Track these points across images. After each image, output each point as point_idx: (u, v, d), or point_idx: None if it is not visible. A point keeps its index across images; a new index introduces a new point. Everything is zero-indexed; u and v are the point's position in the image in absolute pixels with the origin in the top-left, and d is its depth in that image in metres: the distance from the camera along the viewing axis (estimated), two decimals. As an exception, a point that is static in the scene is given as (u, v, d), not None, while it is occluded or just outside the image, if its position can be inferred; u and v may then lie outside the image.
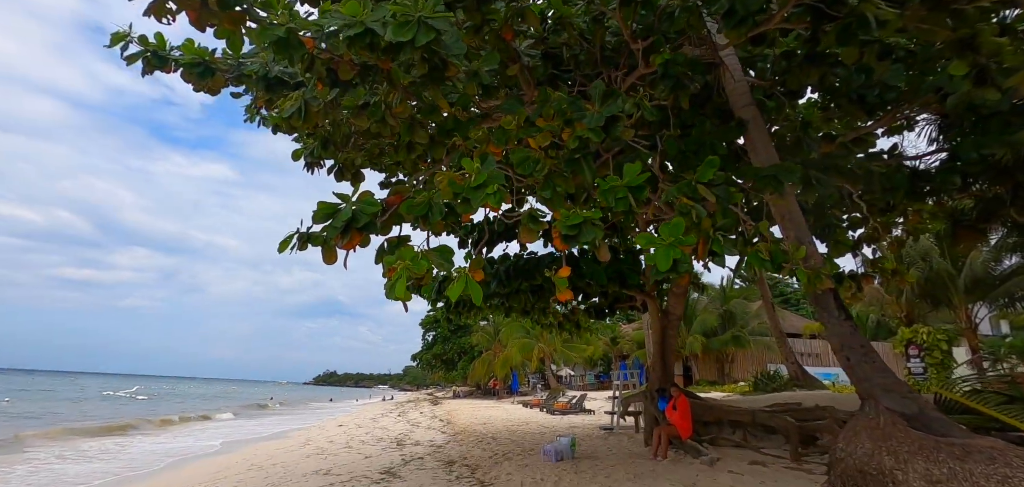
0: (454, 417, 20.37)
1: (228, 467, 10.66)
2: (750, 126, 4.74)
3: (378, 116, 3.88)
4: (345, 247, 3.28)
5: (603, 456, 8.15)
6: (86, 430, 18.10)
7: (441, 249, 3.23)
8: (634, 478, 6.19)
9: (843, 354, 4.21)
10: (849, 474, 3.78)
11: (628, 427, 11.72)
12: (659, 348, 9.21)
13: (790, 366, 14.46)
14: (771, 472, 6.20)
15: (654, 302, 9.26)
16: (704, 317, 34.92)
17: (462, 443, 11.32)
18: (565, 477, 6.39)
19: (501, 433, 12.84)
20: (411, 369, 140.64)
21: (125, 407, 34.05)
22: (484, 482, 6.72)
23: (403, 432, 15.40)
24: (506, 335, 40.39)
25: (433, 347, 56.88)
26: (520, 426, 15.00)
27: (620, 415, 11.01)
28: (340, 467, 9.26)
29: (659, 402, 8.84)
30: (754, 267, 3.51)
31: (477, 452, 9.53)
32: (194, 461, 12.30)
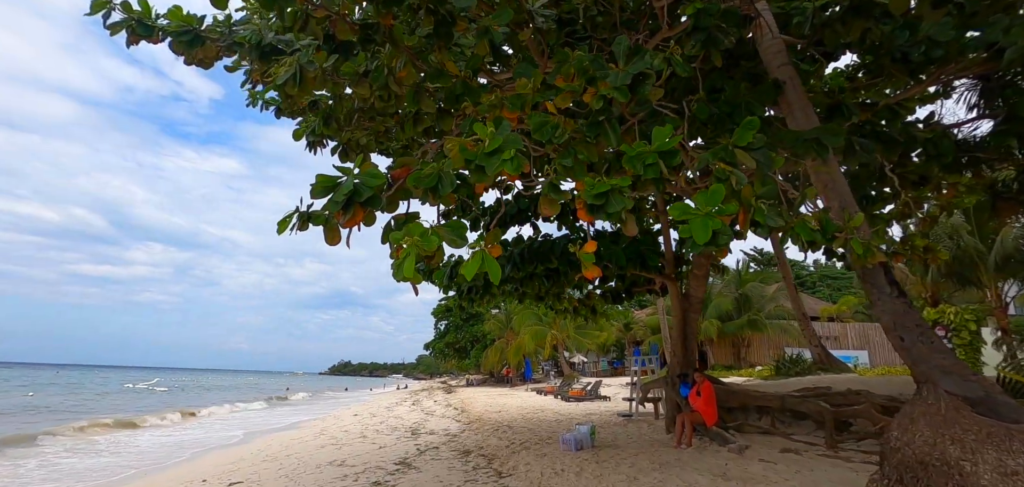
0: (468, 405, 20.24)
1: (242, 459, 10.58)
2: (787, 87, 4.33)
3: (380, 82, 3.54)
4: (347, 224, 2.98)
5: (624, 444, 7.86)
6: (104, 423, 18.31)
7: (454, 224, 2.91)
8: (660, 467, 5.88)
9: (896, 333, 3.83)
10: (907, 465, 3.42)
11: (647, 414, 11.40)
12: (680, 332, 8.85)
13: (814, 349, 13.99)
14: (806, 460, 5.85)
15: (674, 285, 8.88)
16: (719, 301, 34.37)
17: (477, 432, 11.11)
18: (586, 467, 6.10)
19: (517, 421, 12.62)
20: (424, 358, 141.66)
21: (144, 399, 34.61)
22: (502, 473, 6.47)
23: (417, 421, 15.28)
24: (519, 322, 40.19)
25: (446, 336, 57.00)
26: (535, 414, 14.77)
27: (639, 402, 10.69)
28: (354, 457, 9.10)
29: (681, 388, 8.50)
30: (801, 239, 3.15)
31: (493, 441, 9.30)
32: (209, 453, 12.27)
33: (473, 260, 2.59)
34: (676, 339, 8.93)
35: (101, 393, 39.06)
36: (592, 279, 2.96)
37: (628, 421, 11.00)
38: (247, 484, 7.58)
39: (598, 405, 17.46)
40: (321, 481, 7.19)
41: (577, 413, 14.25)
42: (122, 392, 41.29)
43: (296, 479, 7.55)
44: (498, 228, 2.87)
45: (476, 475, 6.51)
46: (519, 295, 11.08)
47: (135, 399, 33.99)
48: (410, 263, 2.70)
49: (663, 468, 5.85)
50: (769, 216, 3.12)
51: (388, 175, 3.22)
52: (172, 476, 9.15)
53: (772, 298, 35.48)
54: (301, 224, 3.41)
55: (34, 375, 76.41)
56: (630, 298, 11.56)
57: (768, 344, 35.90)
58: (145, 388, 48.37)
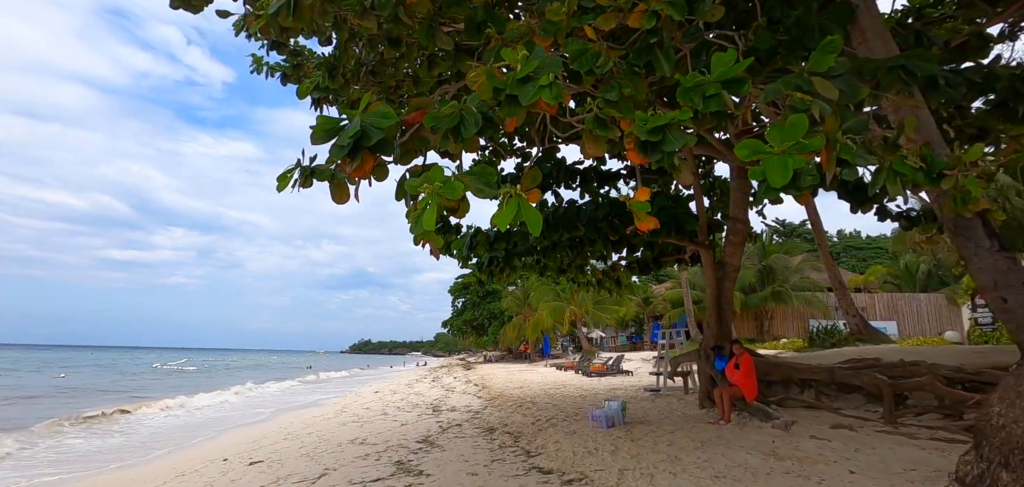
0: (489, 381, 20.08)
1: (264, 437, 10.50)
2: (860, 11, 3.70)
3: (389, 11, 3.06)
4: (355, 175, 2.54)
5: (656, 420, 7.44)
6: (127, 404, 18.65)
7: (481, 169, 2.44)
8: (701, 446, 5.44)
9: (997, 294, 3.28)
10: (1014, 446, 2.90)
11: (676, 388, 10.96)
12: (714, 303, 8.31)
13: (851, 319, 13.31)
14: (863, 437, 5.34)
15: (707, 252, 8.31)
16: (742, 273, 33.54)
17: (500, 408, 10.83)
18: (621, 445, 5.70)
19: (540, 397, 12.32)
20: (442, 336, 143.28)
21: (172, 379, 35.48)
22: (530, 451, 6.12)
23: (438, 398, 15.13)
24: (536, 298, 39.92)
25: (463, 313, 57.18)
26: (558, 390, 14.46)
27: (669, 376, 10.24)
28: (376, 435, 8.89)
29: (716, 361, 8.01)
30: (900, 180, 2.60)
31: (517, 418, 8.98)
32: (232, 431, 12.28)
33: (507, 207, 2.13)
34: (710, 310, 8.41)
35: (130, 373, 40.22)
36: (646, 231, 2.55)
37: (656, 396, 10.58)
38: (268, 463, 7.40)
39: (621, 380, 17.09)
40: (342, 460, 6.95)
41: (601, 388, 13.89)
42: (151, 373, 42.48)
43: (317, 458, 7.33)
44: (535, 169, 2.41)
45: (503, 454, 6.17)
46: (540, 268, 10.63)
47: (163, 379, 34.87)
48: (431, 215, 2.25)
49: (705, 446, 5.41)
50: (858, 153, 2.58)
51: (401, 119, 2.75)
52: (193, 455, 9.08)
53: (797, 269, 34.54)
54: (304, 180, 2.98)
55: (69, 357, 79.43)
56: (657, 268, 11.02)
57: (792, 316, 35.04)
58: (175, 368, 49.73)
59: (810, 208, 13.39)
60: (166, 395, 21.92)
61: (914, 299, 34.24)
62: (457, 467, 5.77)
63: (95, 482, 7.85)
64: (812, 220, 13.31)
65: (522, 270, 10.80)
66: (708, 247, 8.33)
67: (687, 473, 4.43)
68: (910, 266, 36.97)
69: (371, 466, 6.31)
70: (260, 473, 6.79)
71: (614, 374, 19.55)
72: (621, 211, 6.68)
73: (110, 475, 8.21)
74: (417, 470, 5.79)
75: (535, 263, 10.44)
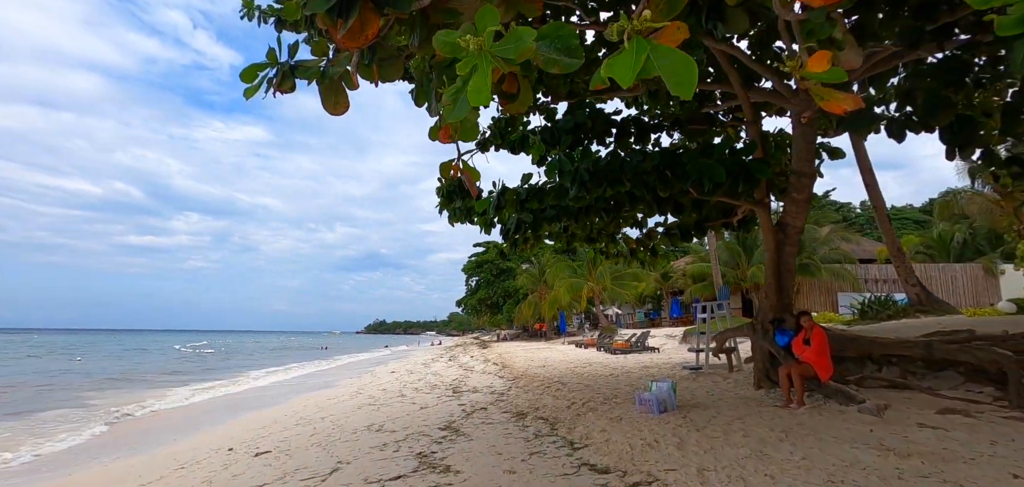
0: (508, 360, 19.34)
1: (275, 421, 9.83)
2: None
3: None
4: (348, 43, 1.60)
5: (711, 403, 6.51)
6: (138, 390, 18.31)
7: (554, 29, 1.48)
8: (784, 435, 4.51)
9: None
10: None
11: (718, 366, 10.00)
12: (773, 270, 7.29)
13: (911, 289, 12.15)
14: (989, 425, 4.35)
15: (765, 212, 7.25)
16: (768, 245, 32.23)
17: (527, 389, 10.00)
18: (686, 436, 4.79)
19: (566, 377, 11.47)
20: (456, 315, 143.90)
21: (190, 361, 35.51)
22: (573, 442, 5.24)
23: (457, 378, 14.41)
24: (552, 275, 39.06)
25: (477, 292, 56.66)
26: (583, 368, 13.62)
27: (713, 352, 9.28)
28: (394, 420, 8.13)
29: (777, 336, 7.03)
30: None
31: (548, 401, 8.13)
32: (242, 414, 11.67)
33: (628, 55, 1.16)
34: (768, 278, 7.38)
35: (150, 356, 40.48)
36: (840, 113, 1.81)
37: (697, 375, 9.65)
38: (275, 453, 6.66)
39: (649, 357, 16.19)
40: (357, 451, 6.17)
41: (630, 367, 13.01)
42: (171, 355, 42.76)
43: (330, 448, 6.57)
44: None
45: (542, 445, 5.30)
46: (567, 238, 9.68)
47: (181, 361, 34.92)
48: (481, 83, 1.30)
49: (790, 436, 4.48)
50: None
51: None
52: (199, 442, 8.43)
53: (825, 240, 33.14)
54: (281, 81, 2.04)
55: (91, 340, 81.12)
56: (701, 234, 9.94)
57: (820, 289, 33.74)
58: (192, 351, 50.14)
59: (865, 168, 12.13)
60: (180, 377, 21.67)
61: (949, 269, 32.70)
62: (490, 461, 4.92)
63: (89, 475, 7.21)
64: (867, 182, 12.07)
65: (549, 239, 9.85)
66: (767, 206, 7.27)
67: (787, 475, 3.50)
68: (944, 235, 35.26)
69: (389, 459, 5.51)
70: (266, 467, 6.04)
71: (639, 351, 18.66)
72: (674, 163, 5.66)
73: (106, 467, 7.58)
74: (443, 465, 4.96)
75: (562, 232, 9.50)
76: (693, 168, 5.49)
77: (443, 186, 8.32)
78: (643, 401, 6.14)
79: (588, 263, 38.19)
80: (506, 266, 54.97)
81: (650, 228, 9.77)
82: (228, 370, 26.61)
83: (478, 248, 59.47)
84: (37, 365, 30.14)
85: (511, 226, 7.30)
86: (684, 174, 5.63)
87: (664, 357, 15.74)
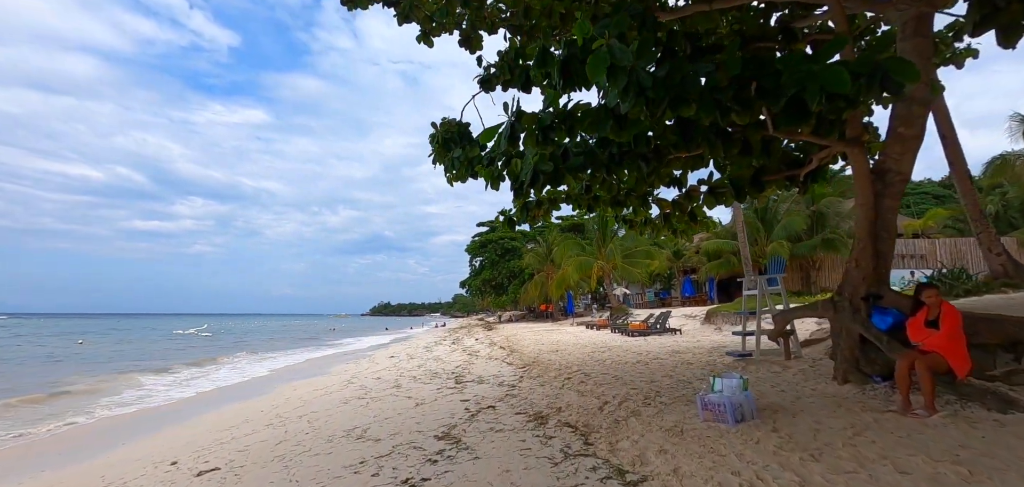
0: (516, 344, 17.82)
1: (245, 420, 8.34)
2: None
3: None
4: None
5: (799, 407, 4.89)
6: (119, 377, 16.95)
7: None
8: (949, 462, 2.91)
9: None
10: None
11: (769, 352, 8.38)
12: (869, 230, 5.60)
13: (995, 259, 10.44)
14: None
15: (861, 155, 5.53)
16: (789, 220, 30.55)
17: (542, 381, 8.43)
18: (805, 469, 3.18)
19: (587, 364, 9.90)
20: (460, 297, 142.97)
21: (184, 345, 34.36)
22: (624, 471, 3.65)
23: (461, 364, 12.90)
24: (560, 254, 37.42)
25: (481, 272, 55.15)
26: (603, 353, 12.05)
27: (773, 337, 7.62)
28: (382, 422, 6.60)
29: (875, 317, 5.38)
30: None
31: (572, 398, 6.56)
32: (209, 411, 10.18)
33: None
34: (861, 241, 5.69)
35: (148, 341, 39.38)
36: None
37: (746, 362, 8.05)
38: (224, 472, 5.13)
39: (673, 340, 14.61)
40: (325, 473, 4.63)
41: (656, 351, 11.42)
42: (169, 339, 41.69)
43: (293, 465, 5.03)
44: None
45: (576, 473, 3.72)
46: (589, 199, 8.02)
47: (176, 346, 33.75)
48: None
49: (972, 467, 2.87)
50: None
51: None
52: (144, 450, 6.91)
53: (850, 215, 31.30)
54: None
55: (92, 324, 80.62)
56: (757, 191, 8.08)
57: (842, 267, 32.07)
58: (192, 333, 49.16)
59: (943, 118, 10.27)
60: (165, 365, 20.34)
61: (982, 243, 30.80)
62: (504, 501, 3.35)
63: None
64: (945, 134, 10.25)
65: (568, 202, 8.19)
66: (862, 147, 5.55)
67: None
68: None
69: (364, 489, 3.95)
70: (202, 494, 4.51)
71: (659, 333, 17.09)
72: (762, 72, 3.94)
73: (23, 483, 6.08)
74: (436, 506, 3.39)
75: (584, 192, 7.85)
76: (793, 77, 3.78)
77: (438, 132, 6.66)
78: (709, 405, 4.53)
79: (597, 240, 36.47)
80: (511, 245, 53.38)
81: (691, 186, 8.08)
82: (221, 352, 25.33)
83: (482, 228, 57.86)
84: (16, 350, 29.01)
85: (525, 177, 5.61)
86: (776, 89, 3.91)
87: (690, 340, 14.15)
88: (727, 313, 16.90)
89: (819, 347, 8.34)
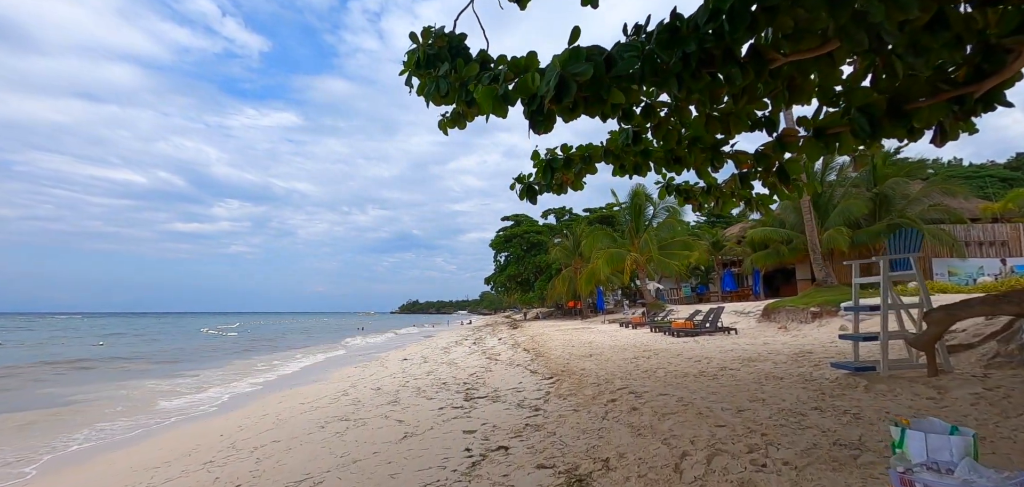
0: (543, 345, 15.63)
1: (188, 453, 6.48)
2: None
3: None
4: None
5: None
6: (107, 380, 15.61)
7: None
8: None
9: None
10: None
11: (902, 365, 5.93)
12: None
13: None
14: None
15: None
16: (847, 204, 27.25)
17: (576, 402, 6.21)
18: None
19: (634, 377, 7.64)
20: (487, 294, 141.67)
21: (205, 346, 33.65)
22: None
23: (476, 372, 10.83)
24: (588, 246, 34.95)
25: (507, 268, 53.13)
26: (649, 359, 9.74)
27: (921, 345, 5.14)
28: (347, 469, 4.58)
29: None
30: None
31: (624, 438, 4.33)
32: (167, 431, 8.40)
33: None
34: None
35: (169, 341, 39.06)
36: None
37: (870, 379, 5.65)
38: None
39: (732, 342, 12.14)
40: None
41: (720, 357, 9.04)
42: (190, 338, 41.37)
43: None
44: None
45: None
46: (634, 156, 5.84)
47: (192, 347, 33.04)
48: None
49: None
50: None
51: None
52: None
53: (916, 198, 27.86)
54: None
55: (129, 322, 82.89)
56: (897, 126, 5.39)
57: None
58: (216, 333, 49.04)
59: None
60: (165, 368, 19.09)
61: (1077, 230, 26.84)
62: None
63: None
64: None
65: (605, 158, 5.99)
66: None
67: None
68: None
69: None
70: None
71: (710, 333, 14.59)
72: None
73: None
74: None
75: (630, 142, 5.67)
76: None
77: (420, 47, 4.57)
78: (924, 493, 2.26)
79: (630, 230, 33.84)
80: (537, 239, 51.16)
81: (785, 130, 5.68)
82: (235, 356, 24.14)
83: (506, 222, 55.83)
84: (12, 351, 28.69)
85: (547, 89, 3.44)
86: None
87: (752, 341, 11.65)
88: (793, 308, 14.25)
89: (972, 356, 5.84)
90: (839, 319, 12.05)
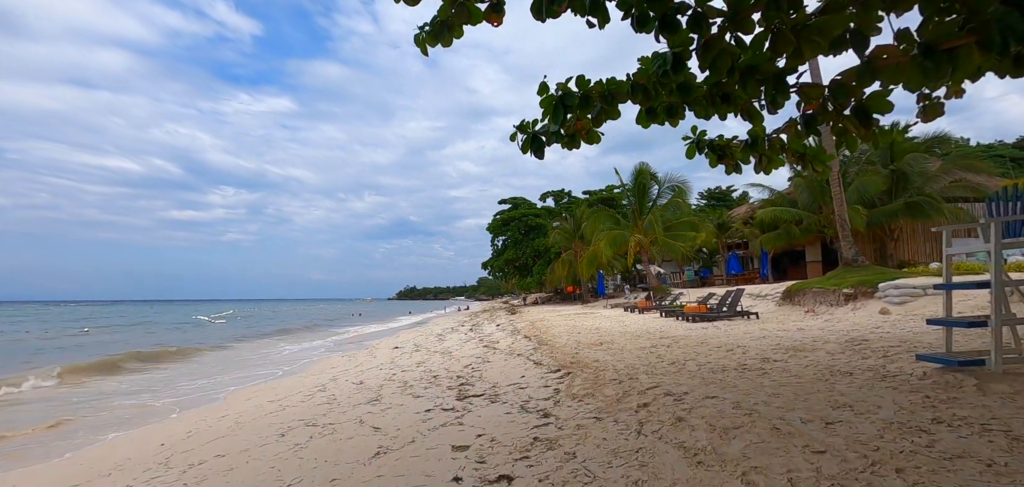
0: (545, 332, 14.37)
1: (117, 464, 5.21)
2: None
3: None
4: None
5: None
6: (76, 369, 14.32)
7: None
8: None
9: None
10: None
11: (1014, 358, 4.67)
12: None
13: None
14: None
15: None
16: (863, 181, 25.94)
17: (596, 406, 4.93)
18: None
19: (660, 370, 6.38)
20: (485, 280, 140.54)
21: (188, 333, 32.39)
22: None
23: (473, 362, 9.57)
24: (590, 228, 33.64)
25: (504, 252, 51.86)
26: (672, 350, 8.49)
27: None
28: None
29: None
30: None
31: (679, 468, 3.08)
32: (106, 435, 7.13)
33: None
34: None
35: (158, 328, 37.77)
36: None
37: (977, 376, 4.39)
38: None
39: (759, 328, 10.88)
40: None
41: (756, 346, 7.79)
42: (184, 326, 40.10)
43: None
44: None
45: None
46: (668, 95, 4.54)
47: (179, 336, 31.77)
48: None
49: None
50: None
51: None
52: None
53: (936, 176, 26.51)
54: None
55: (131, 310, 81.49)
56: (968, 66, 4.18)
57: (923, 235, 27.39)
58: (206, 320, 47.80)
59: None
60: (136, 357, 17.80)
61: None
62: None
63: None
64: None
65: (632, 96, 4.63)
66: None
67: None
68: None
69: None
70: None
71: (728, 318, 13.35)
72: None
73: None
74: None
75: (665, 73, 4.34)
76: None
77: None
78: None
79: (634, 211, 32.53)
80: (536, 223, 49.81)
81: (878, 47, 4.32)
82: (213, 342, 22.90)
83: (503, 205, 54.45)
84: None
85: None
86: None
87: (780, 326, 10.40)
88: (821, 290, 13.00)
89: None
90: (877, 301, 10.82)
